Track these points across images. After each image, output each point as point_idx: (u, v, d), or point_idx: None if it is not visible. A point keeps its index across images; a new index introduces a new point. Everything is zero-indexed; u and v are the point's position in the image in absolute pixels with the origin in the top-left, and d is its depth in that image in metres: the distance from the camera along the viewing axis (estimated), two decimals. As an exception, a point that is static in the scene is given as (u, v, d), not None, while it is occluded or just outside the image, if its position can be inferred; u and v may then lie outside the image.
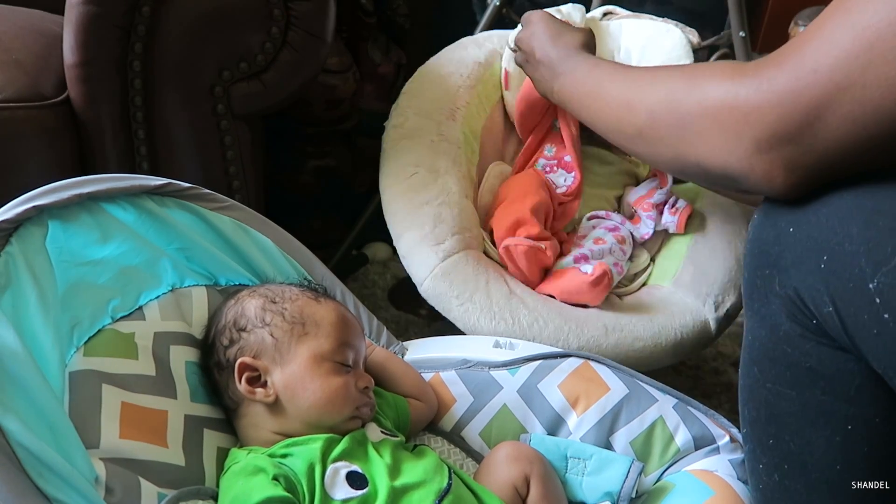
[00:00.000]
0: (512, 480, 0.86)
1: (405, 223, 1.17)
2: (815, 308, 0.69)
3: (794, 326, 0.72)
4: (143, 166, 1.13)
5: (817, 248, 0.68)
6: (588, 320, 1.12)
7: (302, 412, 0.84)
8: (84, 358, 0.80)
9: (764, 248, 0.74)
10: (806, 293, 0.69)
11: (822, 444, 0.73)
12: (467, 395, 0.97)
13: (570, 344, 1.08)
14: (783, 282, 0.71)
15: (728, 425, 0.95)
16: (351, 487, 0.78)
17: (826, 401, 0.72)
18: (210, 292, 0.96)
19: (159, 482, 0.77)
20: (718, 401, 1.45)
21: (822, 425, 0.73)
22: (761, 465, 0.79)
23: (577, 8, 1.47)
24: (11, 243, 0.79)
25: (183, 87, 1.11)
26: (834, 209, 0.67)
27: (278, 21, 1.09)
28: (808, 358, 0.72)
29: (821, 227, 0.68)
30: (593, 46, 1.15)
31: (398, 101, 1.31)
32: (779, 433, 0.76)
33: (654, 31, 1.49)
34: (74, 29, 1.04)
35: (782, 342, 0.73)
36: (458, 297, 1.10)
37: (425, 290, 1.13)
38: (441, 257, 1.12)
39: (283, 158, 1.59)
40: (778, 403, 0.75)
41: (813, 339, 0.71)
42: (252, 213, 1.00)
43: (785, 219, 0.71)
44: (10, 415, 0.68)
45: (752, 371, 0.78)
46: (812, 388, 0.73)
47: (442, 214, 1.16)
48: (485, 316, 1.08)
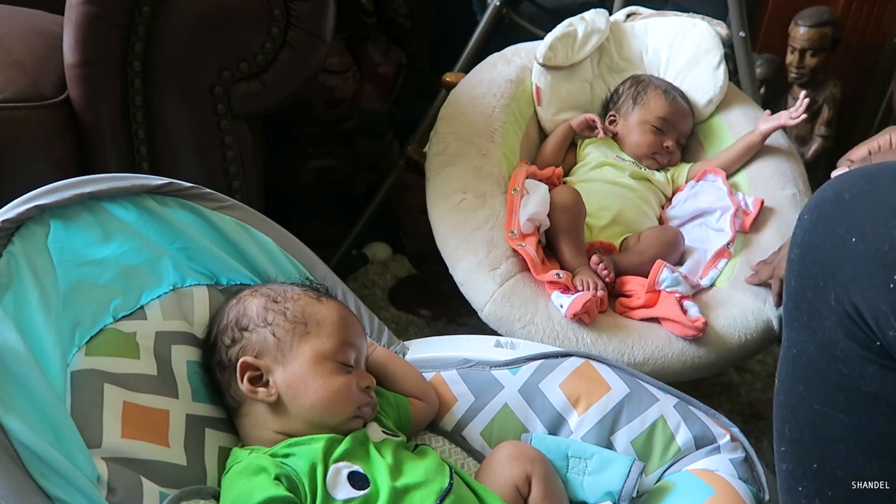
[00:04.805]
0: (513, 480, 0.86)
1: (459, 251, 1.18)
2: (880, 330, 0.63)
3: (852, 346, 0.66)
4: (144, 166, 1.13)
5: (886, 262, 0.62)
6: (650, 331, 1.13)
7: (304, 412, 0.84)
8: (86, 357, 0.80)
9: (816, 257, 0.68)
10: (869, 312, 0.63)
11: (876, 475, 0.67)
12: (468, 395, 0.97)
13: (636, 356, 1.10)
14: (840, 297, 0.65)
15: (729, 424, 0.95)
16: (353, 487, 0.78)
17: (887, 429, 0.66)
18: (211, 292, 0.96)
19: (161, 482, 0.77)
20: (718, 401, 1.45)
21: (880, 455, 0.67)
22: (801, 487, 0.73)
23: (600, 13, 1.48)
24: (13, 243, 0.79)
25: (183, 87, 1.11)
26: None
27: (278, 21, 1.09)
28: (869, 382, 0.66)
29: (891, 240, 0.62)
30: None
31: (436, 127, 1.33)
32: (826, 459, 0.70)
33: (680, 26, 1.50)
34: (74, 29, 1.04)
35: (837, 362, 0.67)
36: (521, 320, 1.12)
37: (486, 316, 1.14)
38: (499, 282, 1.14)
39: (283, 158, 1.59)
40: (826, 427, 0.69)
41: (877, 361, 0.65)
42: (253, 213, 1.00)
43: (845, 226, 0.65)
44: (12, 414, 0.68)
45: (797, 389, 0.72)
46: (870, 415, 0.66)
47: (494, 239, 1.18)
48: (548, 337, 1.10)
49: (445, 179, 1.25)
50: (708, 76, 1.45)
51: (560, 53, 1.42)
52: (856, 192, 0.67)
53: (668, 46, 1.50)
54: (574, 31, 1.44)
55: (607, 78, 1.51)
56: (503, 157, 1.29)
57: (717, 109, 1.47)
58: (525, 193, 1.24)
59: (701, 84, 1.46)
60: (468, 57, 1.68)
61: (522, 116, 1.40)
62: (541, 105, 1.42)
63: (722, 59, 1.45)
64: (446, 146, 1.29)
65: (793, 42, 1.90)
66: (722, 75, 1.45)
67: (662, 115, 1.41)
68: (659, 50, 1.51)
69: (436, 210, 1.24)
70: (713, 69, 1.45)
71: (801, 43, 1.88)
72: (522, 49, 1.46)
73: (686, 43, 1.48)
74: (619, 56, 1.52)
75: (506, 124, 1.34)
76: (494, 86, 1.37)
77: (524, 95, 1.41)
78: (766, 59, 2.00)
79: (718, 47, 1.46)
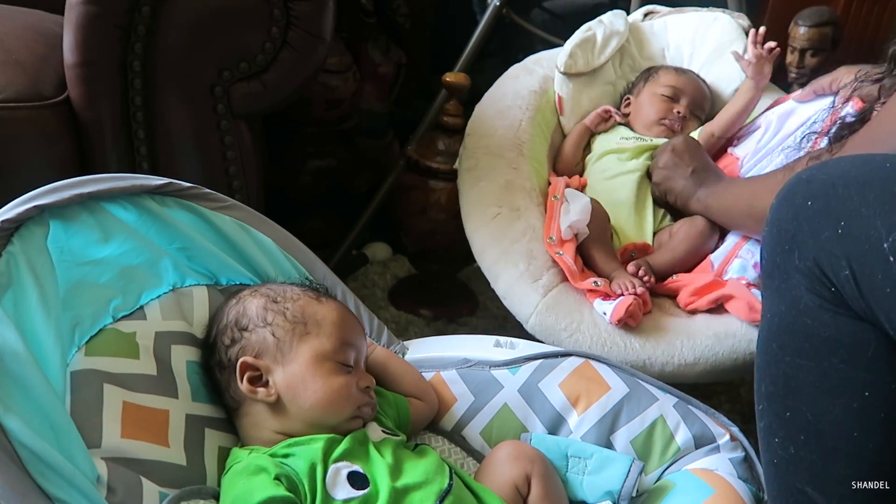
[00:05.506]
0: (513, 479, 0.86)
1: (500, 265, 1.19)
2: (833, 274, 0.71)
3: (813, 298, 0.74)
4: (144, 166, 1.13)
5: (834, 215, 0.71)
6: (698, 330, 1.13)
7: (303, 412, 0.84)
8: (85, 357, 0.81)
9: (783, 227, 0.76)
10: (824, 260, 0.72)
11: (839, 413, 0.74)
12: (468, 395, 0.97)
13: (686, 357, 1.10)
14: (802, 255, 0.74)
15: (728, 424, 0.95)
16: (352, 487, 0.79)
17: (844, 369, 0.74)
18: (211, 292, 0.96)
19: (161, 482, 0.77)
20: (718, 401, 1.45)
21: (840, 393, 0.74)
22: (777, 438, 0.79)
23: (618, 15, 1.47)
24: (13, 243, 0.79)
25: (183, 87, 1.11)
26: (851, 180, 0.72)
27: (278, 21, 1.09)
28: (826, 328, 0.74)
29: (838, 197, 0.71)
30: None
31: (465, 143, 1.33)
32: (796, 405, 0.77)
33: (700, 21, 1.49)
34: (74, 29, 1.04)
35: (802, 315, 0.75)
36: (566, 329, 1.12)
37: (532, 327, 1.15)
38: (542, 293, 1.14)
39: (283, 158, 1.59)
40: (796, 375, 0.76)
41: (831, 308, 0.73)
42: (253, 213, 1.00)
43: (801, 195, 0.75)
44: (11, 414, 0.68)
45: (771, 347, 0.79)
46: (830, 358, 0.74)
47: (533, 251, 1.18)
48: (596, 345, 1.10)
49: (480, 195, 1.26)
50: (733, 66, 1.44)
51: (581, 60, 1.42)
52: (813, 172, 0.76)
53: (690, 41, 1.49)
54: (593, 35, 1.43)
55: (630, 78, 1.51)
56: (532, 170, 1.30)
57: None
58: (565, 201, 1.25)
59: (726, 75, 1.46)
60: (468, 57, 1.67)
61: (548, 127, 1.40)
62: (563, 115, 1.42)
63: (745, 49, 1.43)
64: (477, 162, 1.29)
65: (793, 42, 1.89)
66: None
67: (671, 83, 1.41)
68: (681, 46, 1.50)
69: (472, 225, 1.24)
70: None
71: (801, 43, 1.87)
72: (544, 58, 1.46)
73: (708, 36, 1.47)
74: (640, 56, 1.51)
75: (533, 136, 1.34)
76: (519, 98, 1.38)
77: (548, 106, 1.41)
78: (766, 59, 2.00)
79: (742, 38, 1.45)
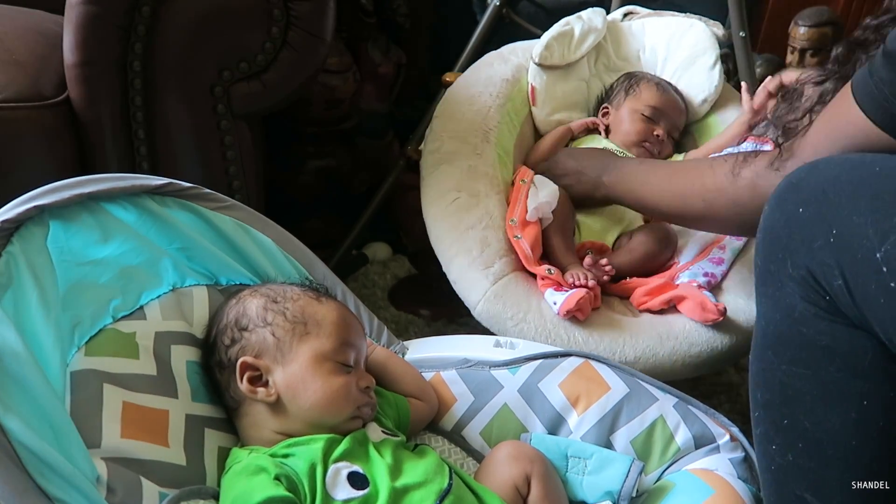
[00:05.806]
0: (513, 480, 0.86)
1: (453, 249, 1.19)
2: (827, 283, 0.71)
3: (808, 307, 0.74)
4: (143, 166, 1.13)
5: (826, 222, 0.71)
6: (641, 330, 1.13)
7: (303, 412, 0.84)
8: (85, 357, 0.80)
9: (775, 235, 0.76)
10: (818, 269, 0.71)
11: (837, 422, 0.74)
12: (468, 395, 0.97)
13: (627, 355, 1.10)
14: (796, 262, 0.74)
15: (728, 424, 0.95)
16: (352, 488, 0.79)
17: (841, 378, 0.73)
18: (211, 292, 0.96)
19: (161, 482, 0.77)
20: (718, 401, 1.45)
21: (838, 403, 0.74)
22: (774, 446, 0.79)
23: (597, 12, 1.47)
24: (13, 243, 0.79)
25: (183, 87, 1.11)
26: (842, 185, 0.71)
27: (278, 21, 1.09)
28: (822, 336, 0.74)
29: (829, 203, 0.71)
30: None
31: (431, 126, 1.33)
32: (793, 413, 0.77)
33: (677, 27, 1.49)
34: (74, 29, 1.04)
35: (797, 323, 0.75)
36: (513, 318, 1.12)
37: (479, 313, 1.15)
38: (492, 281, 1.14)
39: (283, 158, 1.59)
40: (793, 384, 0.76)
41: (827, 317, 0.73)
42: (253, 213, 1.00)
43: (793, 202, 0.74)
44: (11, 414, 0.68)
45: (767, 355, 0.79)
46: (827, 367, 0.74)
47: (488, 238, 1.18)
48: (540, 335, 1.10)
49: (440, 178, 1.25)
50: (703, 76, 1.46)
51: (556, 52, 1.42)
52: (803, 176, 0.76)
53: (665, 46, 1.50)
54: (571, 30, 1.43)
55: (604, 77, 1.51)
56: (497, 158, 1.29)
57: (713, 109, 1.48)
58: (533, 185, 1.25)
59: (697, 83, 1.46)
60: (468, 57, 1.67)
61: (517, 116, 1.39)
62: (535, 105, 1.42)
63: (718, 59, 1.45)
64: (441, 144, 1.28)
65: (793, 42, 1.90)
66: (717, 75, 1.46)
67: (653, 104, 1.41)
68: (656, 49, 1.51)
69: (430, 208, 1.24)
70: (709, 69, 1.46)
71: (801, 43, 1.88)
72: (519, 48, 1.46)
73: (683, 43, 1.48)
74: (616, 55, 1.52)
75: (500, 124, 1.33)
76: (490, 85, 1.37)
77: (520, 95, 1.40)
78: (766, 59, 2.00)
79: (714, 48, 1.46)
